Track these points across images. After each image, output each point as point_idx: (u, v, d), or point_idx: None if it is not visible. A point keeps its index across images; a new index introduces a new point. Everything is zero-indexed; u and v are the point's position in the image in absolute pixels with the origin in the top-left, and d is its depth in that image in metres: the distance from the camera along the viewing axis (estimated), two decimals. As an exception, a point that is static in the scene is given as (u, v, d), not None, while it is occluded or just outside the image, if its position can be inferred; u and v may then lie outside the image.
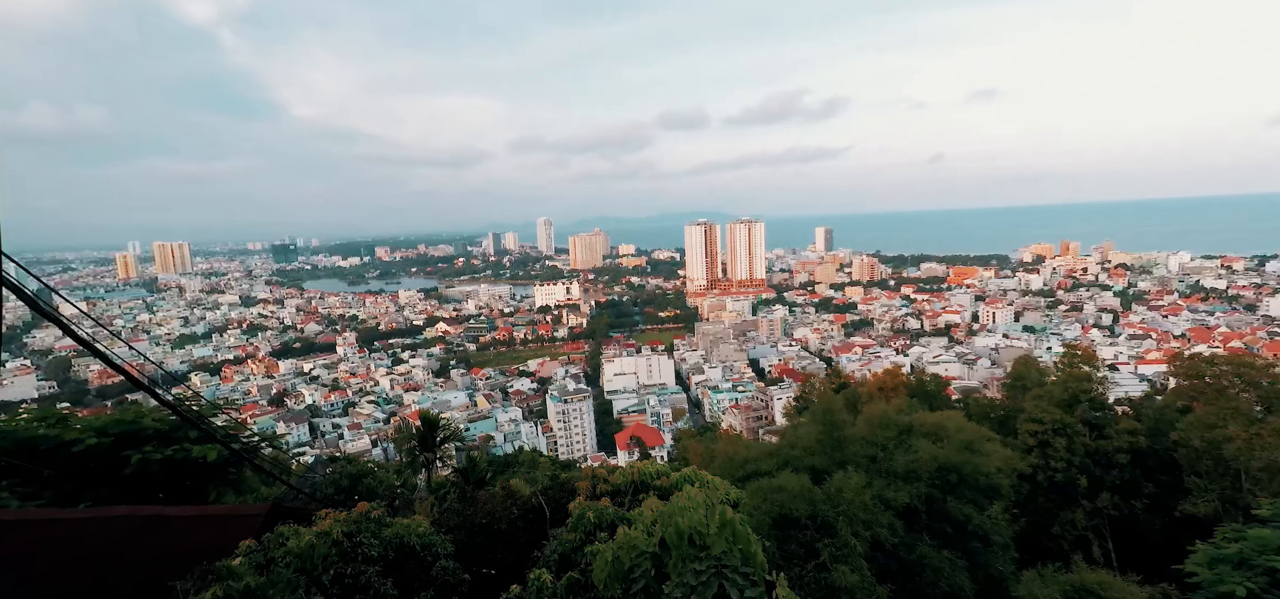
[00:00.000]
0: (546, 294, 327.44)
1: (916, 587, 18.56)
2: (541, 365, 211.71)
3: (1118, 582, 16.49)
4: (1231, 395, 29.82)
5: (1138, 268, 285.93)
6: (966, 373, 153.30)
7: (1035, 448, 31.17)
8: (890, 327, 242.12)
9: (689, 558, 9.22)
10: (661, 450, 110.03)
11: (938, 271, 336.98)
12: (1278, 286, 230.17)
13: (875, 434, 24.55)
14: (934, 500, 21.06)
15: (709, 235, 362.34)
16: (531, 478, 19.81)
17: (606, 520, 13.23)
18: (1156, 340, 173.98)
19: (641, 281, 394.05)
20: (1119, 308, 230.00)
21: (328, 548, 9.80)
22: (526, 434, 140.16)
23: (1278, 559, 11.09)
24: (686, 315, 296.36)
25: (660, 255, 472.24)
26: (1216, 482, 27.69)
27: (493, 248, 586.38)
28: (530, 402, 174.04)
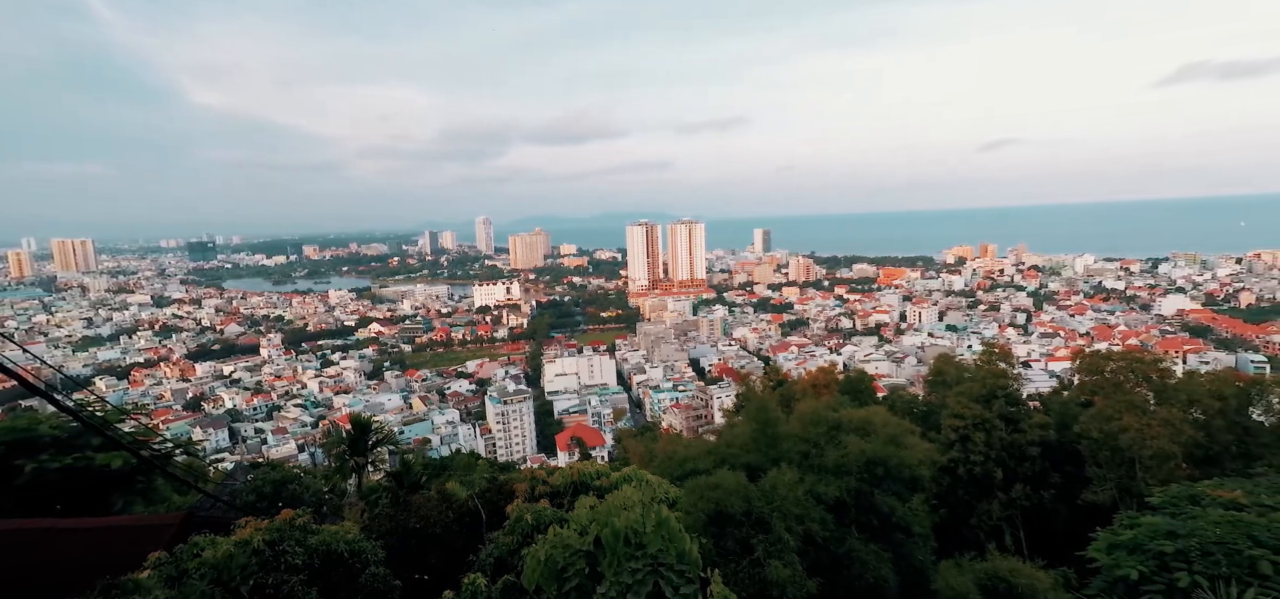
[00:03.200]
0: (486, 294, 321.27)
1: (845, 579, 19.27)
2: (480, 366, 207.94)
3: (1027, 568, 17.60)
4: (1127, 390, 32.17)
5: (1048, 269, 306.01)
6: (895, 370, 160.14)
7: (957, 442, 32.71)
8: (825, 326, 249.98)
9: (624, 557, 9.28)
10: (602, 451, 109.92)
11: (869, 272, 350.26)
12: (1168, 287, 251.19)
13: (808, 431, 25.25)
14: (862, 494, 21.88)
15: (650, 236, 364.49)
16: (469, 481, 19.42)
17: (545, 522, 13.15)
18: (1064, 338, 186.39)
19: (583, 282, 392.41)
20: (1032, 307, 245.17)
21: (247, 558, 9.34)
22: (464, 436, 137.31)
23: (1166, 544, 12.06)
24: (628, 315, 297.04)
25: (602, 255, 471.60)
26: (1114, 471, 29.85)
27: (429, 247, 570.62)
28: (468, 403, 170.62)
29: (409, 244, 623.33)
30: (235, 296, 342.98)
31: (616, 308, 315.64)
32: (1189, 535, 12.07)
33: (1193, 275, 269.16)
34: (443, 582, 11.20)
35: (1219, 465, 27.70)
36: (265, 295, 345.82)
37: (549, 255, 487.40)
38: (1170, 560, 11.61)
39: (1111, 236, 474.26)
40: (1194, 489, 15.81)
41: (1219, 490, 15.31)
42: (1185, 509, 14.13)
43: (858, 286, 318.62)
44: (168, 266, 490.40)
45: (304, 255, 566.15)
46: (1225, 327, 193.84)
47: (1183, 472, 27.37)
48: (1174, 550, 11.79)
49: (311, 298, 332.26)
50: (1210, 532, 12.00)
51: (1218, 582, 9.68)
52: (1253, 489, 15.68)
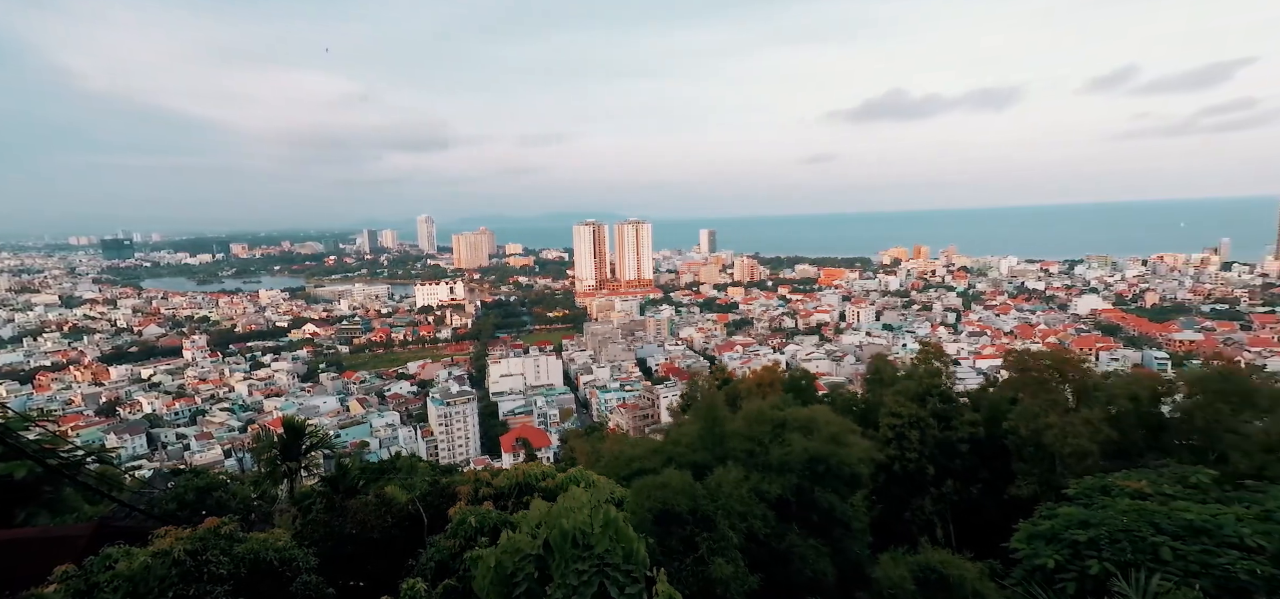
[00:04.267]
0: (428, 294, 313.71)
1: (786, 574, 19.71)
2: (423, 367, 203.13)
3: (957, 560, 18.41)
4: (1050, 387, 34.04)
5: (976, 270, 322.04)
6: (835, 369, 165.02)
7: (893, 439, 33.83)
8: (768, 326, 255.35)
9: (572, 559, 9.20)
10: (548, 452, 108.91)
11: (810, 273, 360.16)
12: (1083, 288, 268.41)
13: (753, 429, 25.64)
14: (804, 491, 22.41)
15: (598, 235, 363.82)
16: (409, 484, 18.89)
17: (489, 525, 12.93)
18: (991, 337, 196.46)
19: (530, 281, 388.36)
20: (961, 307, 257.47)
21: (167, 569, 8.78)
22: (404, 439, 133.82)
23: (1080, 533, 12.82)
24: (576, 315, 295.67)
25: (549, 255, 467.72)
26: (1037, 466, 31.47)
27: (368, 246, 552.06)
28: (409, 405, 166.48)
29: (346, 243, 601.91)
30: (155, 296, 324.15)
31: (563, 308, 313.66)
32: (1100, 525, 12.86)
33: (1105, 276, 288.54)
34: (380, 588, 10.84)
35: (1130, 459, 29.51)
36: (189, 295, 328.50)
37: (494, 255, 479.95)
38: (1083, 549, 12.34)
39: (1034, 240, 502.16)
40: (1105, 480, 16.88)
41: (1126, 481, 16.37)
42: (1097, 500, 15.05)
43: (800, 287, 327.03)
44: (78, 265, 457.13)
45: (232, 254, 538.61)
46: (1133, 325, 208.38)
47: (1099, 466, 29.08)
48: (1087, 539, 12.54)
49: (240, 298, 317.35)
50: (1118, 520, 12.82)
51: (1124, 568, 10.34)
52: (1156, 479, 16.86)
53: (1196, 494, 15.35)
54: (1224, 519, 12.39)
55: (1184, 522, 12.49)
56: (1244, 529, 11.87)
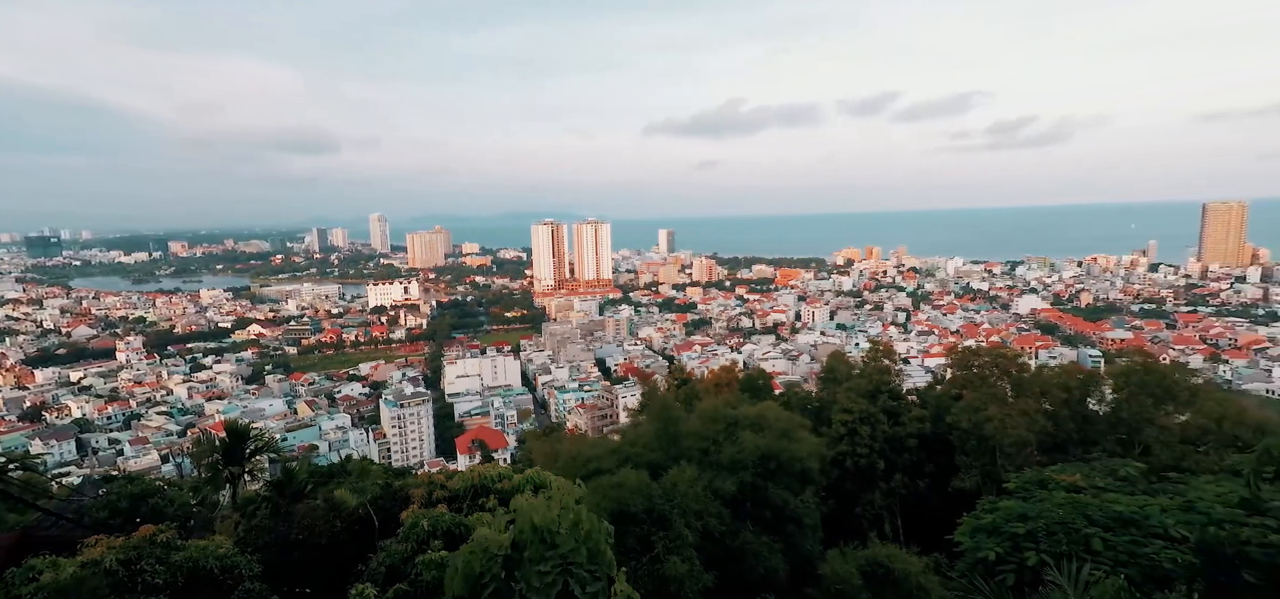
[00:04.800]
0: (381, 294, 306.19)
1: (739, 571, 20.02)
2: (375, 369, 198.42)
3: (903, 554, 19.03)
4: (991, 383, 35.50)
5: (925, 271, 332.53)
6: (790, 368, 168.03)
7: (846, 436, 34.72)
8: (726, 325, 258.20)
9: (538, 557, 9.16)
10: (505, 453, 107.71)
11: (767, 273, 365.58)
12: (1024, 288, 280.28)
13: (708, 428, 25.95)
14: (757, 488, 22.78)
15: (556, 235, 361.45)
16: (360, 488, 18.42)
17: (443, 527, 12.73)
18: (938, 336, 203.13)
19: (487, 281, 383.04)
20: (911, 306, 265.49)
21: (98, 580, 8.36)
22: (355, 442, 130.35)
23: (1019, 526, 13.38)
24: (534, 315, 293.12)
25: (506, 255, 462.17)
26: (979, 459, 32.79)
27: (318, 245, 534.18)
28: (361, 407, 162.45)
29: (295, 242, 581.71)
30: (85, 296, 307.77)
31: (521, 308, 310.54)
32: (1037, 517, 13.46)
33: (1043, 277, 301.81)
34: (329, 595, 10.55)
35: (1064, 451, 31.09)
36: (122, 295, 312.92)
37: (450, 254, 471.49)
38: (1022, 541, 12.89)
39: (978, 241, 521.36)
40: (1042, 475, 17.68)
41: (1062, 475, 17.19)
42: (1035, 493, 15.74)
43: (757, 287, 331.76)
44: (1, 262, 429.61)
45: (170, 252, 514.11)
46: (1069, 324, 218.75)
47: (1035, 458, 30.48)
48: (1025, 531, 13.11)
49: (179, 298, 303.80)
50: (1054, 513, 13.45)
51: (1059, 558, 10.84)
52: (1089, 473, 17.75)
53: (1126, 486, 16.23)
54: (1150, 510, 13.13)
55: (1114, 513, 13.19)
56: (1168, 520, 12.60)
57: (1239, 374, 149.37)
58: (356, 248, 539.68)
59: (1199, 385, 32.78)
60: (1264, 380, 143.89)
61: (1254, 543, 10.82)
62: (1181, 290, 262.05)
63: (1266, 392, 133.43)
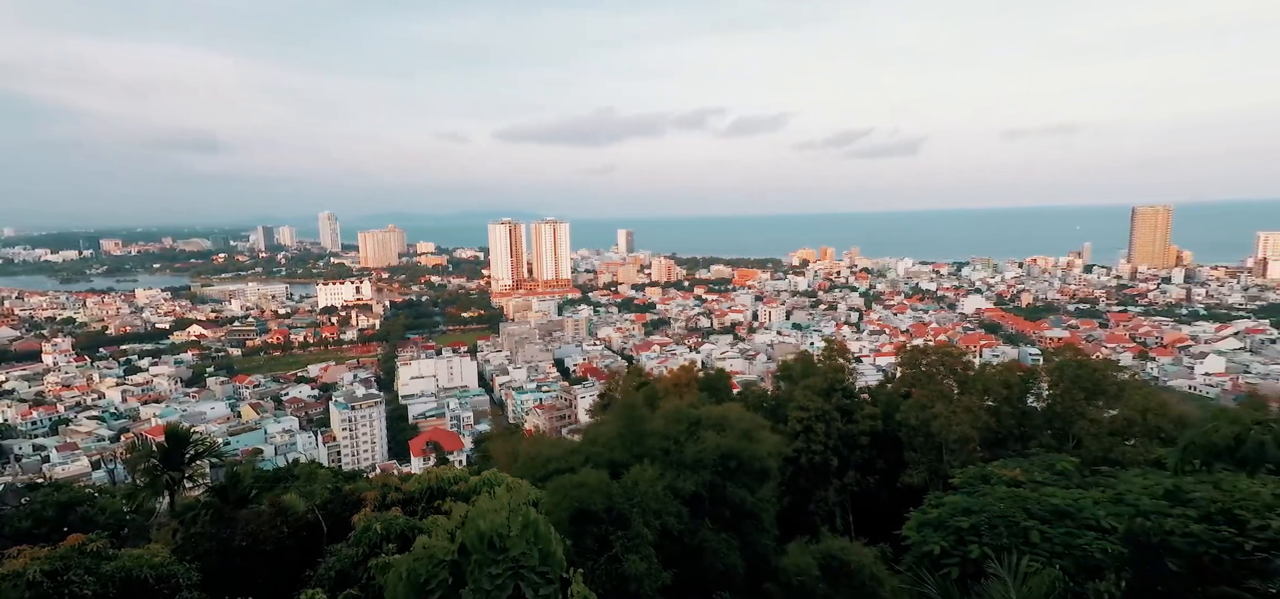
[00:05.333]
0: (332, 294, 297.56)
1: (697, 568, 20.23)
2: (325, 370, 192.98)
3: (855, 546, 19.53)
4: (938, 381, 36.76)
5: (876, 272, 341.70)
6: (748, 368, 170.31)
7: (801, 433, 35.44)
8: (685, 325, 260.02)
9: (486, 562, 9.02)
10: (461, 455, 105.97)
11: (725, 273, 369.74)
12: (969, 289, 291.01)
13: (670, 428, 26.11)
14: (716, 486, 23.05)
15: (514, 235, 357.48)
16: (308, 492, 17.90)
17: (396, 531, 12.47)
18: (889, 335, 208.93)
19: (443, 281, 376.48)
20: (863, 306, 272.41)
21: (20, 593, 7.88)
22: (304, 445, 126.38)
23: (963, 520, 13.87)
24: (491, 316, 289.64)
25: (463, 254, 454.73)
26: (927, 455, 33.92)
27: (264, 243, 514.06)
28: (310, 409, 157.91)
29: (239, 240, 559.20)
30: (7, 295, 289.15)
31: (479, 308, 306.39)
32: (980, 512, 13.99)
33: (987, 278, 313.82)
34: (274, 604, 10.20)
35: (1005, 446, 32.45)
36: (50, 295, 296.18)
37: (404, 254, 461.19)
38: (965, 535, 13.39)
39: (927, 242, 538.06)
40: (985, 470, 18.38)
41: (1003, 470, 17.91)
42: (978, 488, 16.36)
43: (715, 287, 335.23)
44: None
45: (102, 251, 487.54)
46: (1011, 324, 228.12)
47: (979, 453, 31.71)
48: (969, 525, 13.61)
49: (113, 298, 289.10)
50: (996, 507, 14.00)
51: (1001, 551, 11.31)
52: (1028, 467, 18.55)
53: (1062, 480, 17.01)
54: (1084, 503, 13.80)
55: (1051, 506, 13.82)
56: (1100, 512, 13.27)
57: (1164, 371, 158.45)
58: (305, 247, 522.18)
59: (1126, 381, 34.68)
60: (1186, 377, 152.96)
61: (1177, 533, 11.47)
62: (1113, 290, 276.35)
63: (1188, 387, 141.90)
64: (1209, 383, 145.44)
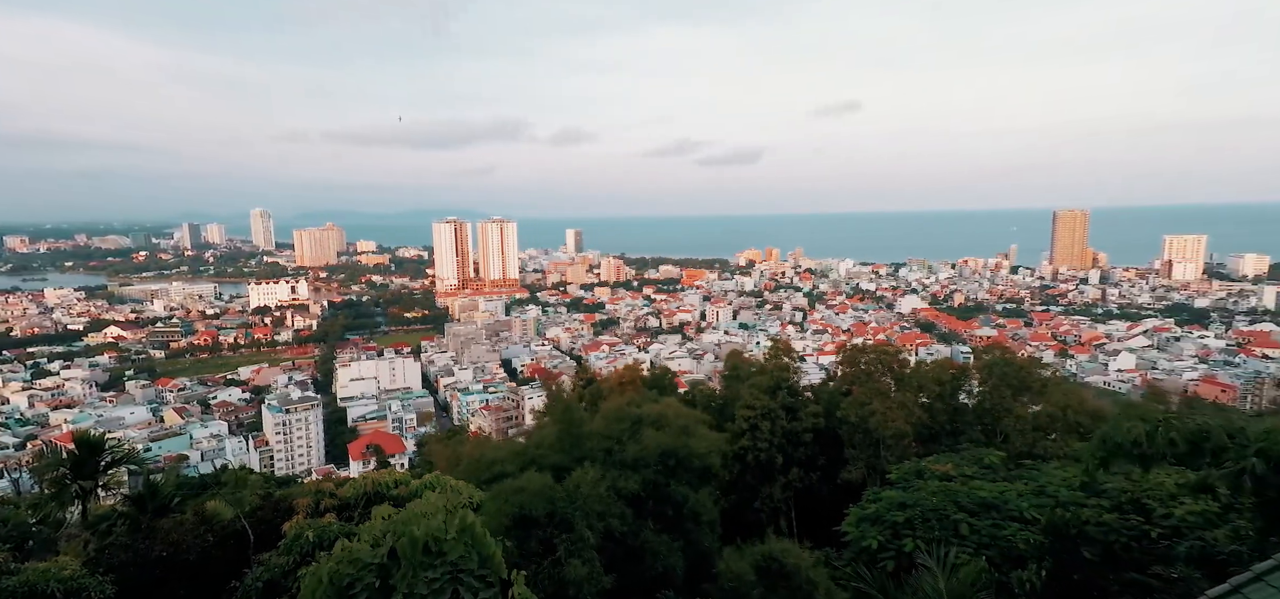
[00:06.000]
0: (265, 293, 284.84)
1: (639, 570, 20.29)
2: (257, 373, 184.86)
3: (795, 548, 19.91)
4: (876, 379, 37.97)
5: (819, 272, 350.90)
6: (695, 367, 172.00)
7: (747, 431, 35.92)
8: (634, 325, 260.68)
9: (421, 566, 8.77)
10: (403, 458, 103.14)
11: (674, 273, 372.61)
12: (906, 289, 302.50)
13: (611, 428, 26.03)
14: (659, 485, 23.13)
15: (460, 234, 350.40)
16: (236, 499, 17.08)
17: (329, 538, 12.03)
18: (831, 334, 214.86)
19: (385, 281, 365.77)
20: (807, 306, 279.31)
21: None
22: (233, 451, 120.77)
23: (898, 515, 14.42)
24: (436, 316, 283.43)
25: (406, 253, 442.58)
26: (865, 451, 34.95)
27: (189, 241, 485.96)
28: (241, 413, 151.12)
29: (162, 237, 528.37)
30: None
31: (423, 308, 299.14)
32: (914, 506, 14.58)
33: (923, 278, 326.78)
34: (197, 619, 9.66)
35: (938, 441, 33.80)
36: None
37: (344, 252, 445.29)
38: (901, 529, 13.91)
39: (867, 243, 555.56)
40: (920, 465, 19.14)
41: (936, 465, 18.68)
42: (913, 483, 17.04)
43: (664, 287, 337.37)
44: None
45: (5, 247, 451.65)
46: (945, 323, 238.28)
47: (914, 449, 32.95)
48: (904, 519, 14.15)
49: (18, 297, 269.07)
50: (929, 501, 14.61)
51: (932, 544, 11.80)
52: (959, 461, 19.40)
53: (989, 473, 17.90)
54: (1009, 495, 14.56)
55: (979, 499, 14.52)
56: (1024, 504, 14.02)
57: (1082, 368, 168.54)
58: (236, 245, 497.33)
59: (1048, 378, 36.73)
60: (1101, 373, 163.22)
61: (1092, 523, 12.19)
62: (1037, 291, 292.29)
63: (1103, 383, 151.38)
64: (1121, 379, 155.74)
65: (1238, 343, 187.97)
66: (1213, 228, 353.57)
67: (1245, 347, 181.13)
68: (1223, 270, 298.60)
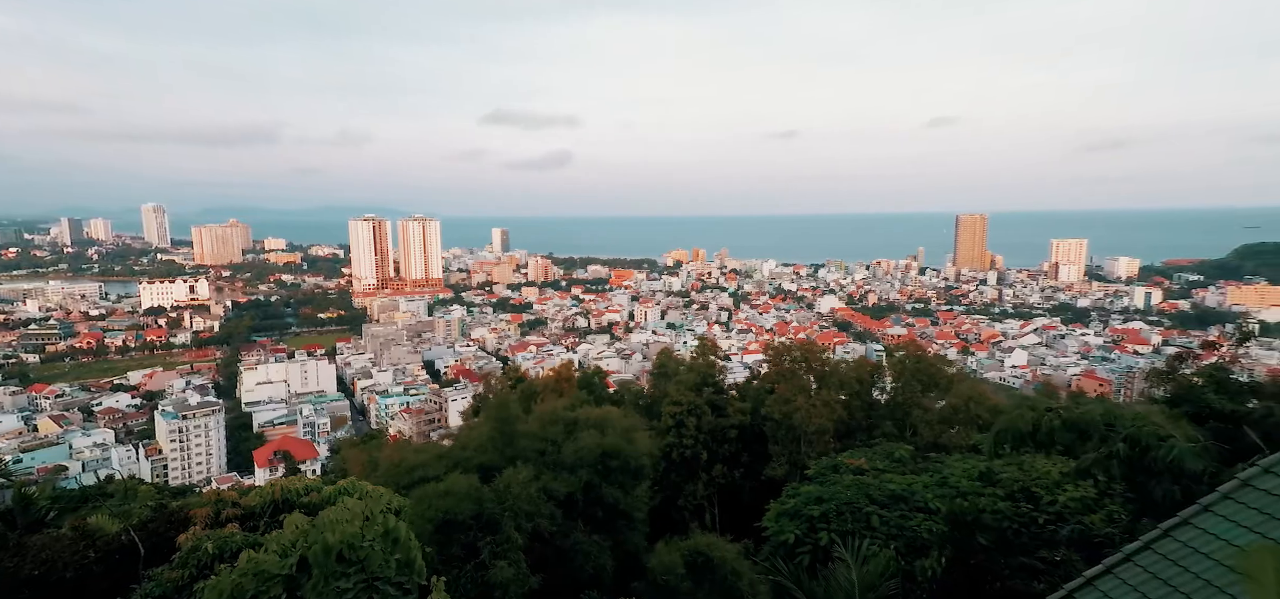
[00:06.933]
0: (159, 293, 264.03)
1: (567, 570, 20.19)
2: (150, 377, 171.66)
3: (720, 541, 20.44)
4: (799, 376, 39.27)
5: (744, 272, 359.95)
6: (624, 367, 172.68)
7: (673, 428, 36.38)
8: (562, 325, 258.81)
9: (333, 575, 8.37)
10: (314, 464, 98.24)
11: (602, 273, 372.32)
12: (825, 289, 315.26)
13: (546, 429, 25.75)
14: (592, 487, 23.08)
15: (379, 232, 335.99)
16: (124, 511, 15.78)
17: (231, 549, 11.36)
18: (755, 334, 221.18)
19: (296, 280, 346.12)
20: (732, 306, 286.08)
21: None
22: (121, 460, 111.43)
23: (815, 509, 15.00)
24: (353, 316, 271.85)
25: (320, 252, 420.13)
26: (787, 447, 36.09)
27: (69, 236, 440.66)
28: (130, 421, 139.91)
29: (37, 233, 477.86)
30: None
31: (338, 308, 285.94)
32: (830, 500, 15.20)
33: (840, 279, 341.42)
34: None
35: (854, 437, 35.33)
36: None
37: (250, 250, 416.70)
38: (817, 523, 14.47)
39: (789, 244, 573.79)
40: (836, 460, 19.95)
41: (851, 460, 19.53)
42: (829, 478, 17.75)
43: (593, 287, 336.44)
44: None
45: None
46: (860, 322, 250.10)
47: (832, 445, 34.30)
48: (820, 514, 14.73)
49: None
50: (843, 495, 15.27)
51: (846, 536, 12.35)
52: (872, 455, 20.37)
53: (898, 467, 18.89)
54: (915, 487, 15.41)
55: (889, 492, 15.30)
56: (928, 495, 14.89)
57: (981, 364, 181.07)
58: (124, 242, 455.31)
59: (953, 375, 39.17)
60: (998, 369, 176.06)
61: (987, 511, 13.09)
62: (942, 291, 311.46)
63: (999, 379, 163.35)
64: (1015, 375, 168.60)
65: (1114, 340, 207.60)
66: (1093, 232, 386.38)
67: (1120, 344, 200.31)
68: (1101, 272, 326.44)
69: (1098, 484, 13.16)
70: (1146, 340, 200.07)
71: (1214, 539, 7.07)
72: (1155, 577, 7.17)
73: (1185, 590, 6.81)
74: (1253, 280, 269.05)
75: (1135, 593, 7.20)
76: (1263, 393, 22.64)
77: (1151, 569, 7.29)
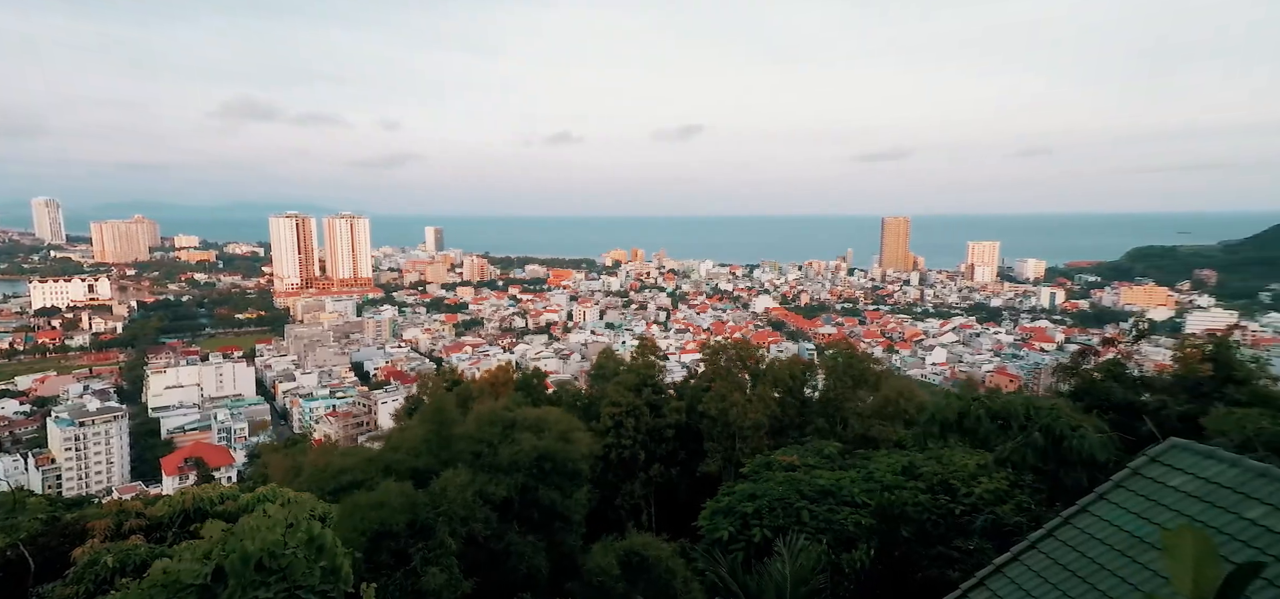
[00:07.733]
0: (53, 293, 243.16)
1: (502, 574, 19.90)
2: (42, 381, 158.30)
3: (656, 541, 20.61)
4: (735, 374, 40.09)
5: (682, 273, 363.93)
6: (562, 367, 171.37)
7: (612, 428, 36.37)
8: (499, 325, 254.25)
9: (252, 585, 7.94)
10: (231, 471, 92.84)
11: (540, 273, 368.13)
12: (760, 289, 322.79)
13: (483, 431, 25.20)
14: (528, 489, 22.79)
15: (303, 229, 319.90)
16: (9, 525, 14.44)
17: (134, 562, 10.59)
18: (692, 333, 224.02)
19: (211, 279, 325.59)
20: (670, 306, 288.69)
21: None
22: (6, 472, 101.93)
23: (748, 505, 15.30)
24: (275, 317, 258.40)
25: (238, 250, 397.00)
26: (723, 444, 36.76)
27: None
28: (17, 429, 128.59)
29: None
30: None
31: (258, 309, 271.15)
32: (763, 496, 15.54)
33: (774, 279, 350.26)
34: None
35: (787, 433, 36.36)
36: None
37: (158, 248, 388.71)
38: (750, 519, 14.77)
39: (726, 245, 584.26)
40: (769, 457, 20.42)
41: (783, 456, 20.04)
42: (763, 474, 18.15)
43: (530, 287, 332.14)
44: None
45: None
46: (793, 322, 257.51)
47: (766, 442, 35.15)
48: (753, 510, 15.04)
49: None
50: (776, 491, 15.64)
51: (779, 532, 12.69)
52: (803, 452, 20.97)
53: (828, 462, 19.52)
54: (844, 482, 15.95)
55: (819, 487, 15.78)
56: (856, 489, 15.45)
57: (905, 362, 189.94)
58: (11, 238, 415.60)
59: (881, 372, 40.87)
60: (920, 367, 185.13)
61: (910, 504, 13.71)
62: (869, 291, 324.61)
63: (921, 376, 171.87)
64: (935, 371, 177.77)
65: (1023, 338, 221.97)
66: (1004, 235, 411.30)
67: (1028, 341, 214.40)
68: (1012, 273, 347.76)
69: (1009, 476, 14.05)
70: (1052, 339, 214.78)
71: (1108, 525, 7.71)
72: (1056, 562, 7.77)
73: (1082, 573, 7.41)
74: (1142, 281, 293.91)
75: (1038, 578, 7.76)
76: (1154, 386, 24.82)
77: (1053, 555, 7.89)
